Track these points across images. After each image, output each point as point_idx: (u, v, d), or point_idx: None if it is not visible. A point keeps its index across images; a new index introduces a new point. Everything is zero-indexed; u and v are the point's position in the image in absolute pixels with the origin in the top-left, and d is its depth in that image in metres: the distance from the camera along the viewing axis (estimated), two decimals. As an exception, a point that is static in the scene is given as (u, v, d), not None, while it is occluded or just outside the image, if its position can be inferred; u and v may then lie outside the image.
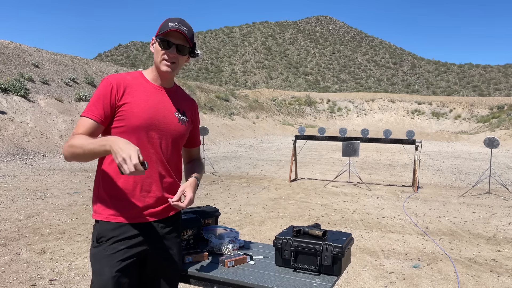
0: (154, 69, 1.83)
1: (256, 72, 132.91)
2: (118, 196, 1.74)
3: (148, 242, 1.77)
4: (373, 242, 5.19)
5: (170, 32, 1.74)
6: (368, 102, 43.58)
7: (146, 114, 1.74)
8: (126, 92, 1.74)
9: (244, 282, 1.82)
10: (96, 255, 1.71)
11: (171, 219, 1.87)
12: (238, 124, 27.60)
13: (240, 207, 6.94)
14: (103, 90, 1.72)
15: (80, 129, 1.69)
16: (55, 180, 8.95)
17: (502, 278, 4.07)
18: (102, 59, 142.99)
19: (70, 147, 1.64)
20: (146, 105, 1.75)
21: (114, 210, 1.74)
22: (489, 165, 9.70)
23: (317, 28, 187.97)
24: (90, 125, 1.69)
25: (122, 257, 1.69)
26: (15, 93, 14.57)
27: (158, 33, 1.77)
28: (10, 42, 19.49)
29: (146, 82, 1.81)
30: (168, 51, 1.75)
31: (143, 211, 1.76)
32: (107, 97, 1.71)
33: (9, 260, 4.22)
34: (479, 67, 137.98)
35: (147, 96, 1.78)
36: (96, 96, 1.73)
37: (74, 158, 1.66)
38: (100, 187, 1.77)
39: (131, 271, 1.72)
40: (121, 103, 1.73)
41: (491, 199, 8.05)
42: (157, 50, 1.77)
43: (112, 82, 1.74)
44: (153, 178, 1.78)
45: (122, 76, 1.79)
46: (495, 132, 28.86)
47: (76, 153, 1.62)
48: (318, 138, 9.92)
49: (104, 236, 1.72)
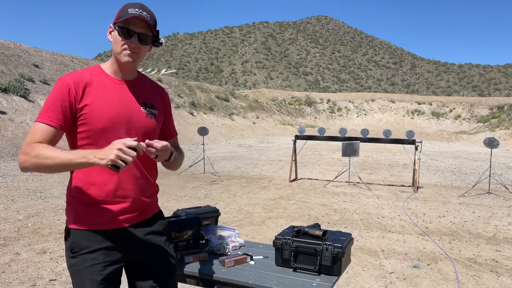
0: (114, 61, 1.68)
1: (256, 72, 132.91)
2: (91, 202, 1.62)
3: (127, 248, 1.67)
4: (373, 242, 5.19)
5: (131, 20, 1.58)
6: (368, 102, 43.56)
7: (111, 114, 1.60)
8: (86, 92, 1.59)
9: (244, 282, 1.82)
10: (74, 267, 1.60)
11: (150, 221, 1.76)
12: (238, 124, 27.59)
13: (240, 207, 6.94)
14: (59, 92, 1.56)
15: (37, 137, 1.51)
16: (55, 180, 8.95)
17: (502, 278, 4.07)
18: (102, 59, 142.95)
19: (35, 157, 1.47)
20: (109, 105, 1.61)
21: (87, 217, 1.62)
22: (489, 165, 9.70)
23: (317, 28, 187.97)
24: (48, 131, 1.53)
25: (102, 267, 1.59)
26: (15, 93, 14.57)
27: (116, 20, 1.60)
28: (10, 42, 19.49)
29: (107, 78, 1.66)
30: (129, 41, 1.59)
31: (118, 216, 1.65)
32: (65, 100, 1.55)
33: (9, 260, 4.22)
34: (479, 67, 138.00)
35: (109, 94, 1.63)
36: (52, 99, 1.55)
37: (37, 170, 1.50)
38: (71, 194, 1.66)
39: (113, 279, 1.63)
40: (82, 105, 1.57)
41: (491, 199, 8.05)
42: (117, 40, 1.61)
43: (69, 82, 1.58)
44: (127, 181, 1.66)
45: (79, 74, 1.63)
46: (495, 132, 28.85)
47: (45, 164, 1.47)
48: (318, 138, 9.92)
49: (78, 245, 1.60)
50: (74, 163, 1.47)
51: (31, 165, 1.49)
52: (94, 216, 1.63)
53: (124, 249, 1.66)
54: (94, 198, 1.62)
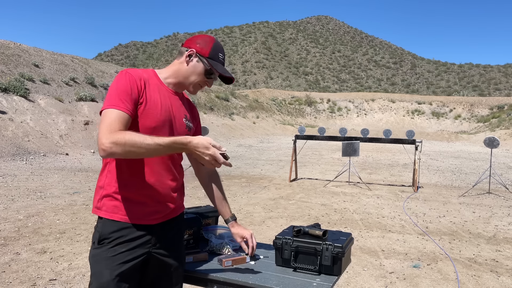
0: (174, 76, 1.77)
1: (256, 72, 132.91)
2: (126, 196, 1.67)
3: (151, 244, 1.71)
4: (373, 242, 5.19)
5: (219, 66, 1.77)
6: (368, 102, 43.56)
7: (162, 116, 1.68)
8: (146, 88, 1.67)
9: (244, 282, 1.82)
10: (96, 257, 1.64)
11: (175, 219, 1.82)
12: (238, 124, 27.59)
13: (240, 207, 6.94)
14: (127, 83, 1.61)
15: (117, 125, 1.52)
16: (55, 180, 8.95)
17: (502, 278, 4.07)
18: (102, 58, 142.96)
19: (130, 146, 1.48)
20: (162, 107, 1.69)
21: (119, 208, 1.67)
22: (489, 165, 9.69)
23: (317, 28, 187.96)
24: (124, 118, 1.55)
25: (123, 260, 1.62)
26: (15, 93, 14.57)
27: (208, 56, 1.74)
28: (10, 42, 19.49)
29: (161, 84, 1.75)
30: (208, 81, 1.77)
31: (149, 212, 1.70)
32: (134, 90, 1.61)
33: (9, 260, 4.22)
34: (479, 67, 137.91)
35: (162, 97, 1.72)
36: (119, 89, 1.59)
37: (127, 155, 1.52)
38: (107, 183, 1.69)
39: (132, 275, 1.66)
40: (142, 99, 1.64)
41: (491, 199, 8.05)
42: (198, 72, 1.75)
43: (134, 75, 1.65)
44: (162, 181, 1.72)
45: (139, 71, 1.71)
46: (495, 132, 28.85)
47: (138, 152, 1.50)
48: (318, 138, 9.92)
49: (106, 237, 1.65)
50: (170, 147, 1.53)
51: (123, 151, 1.50)
52: (126, 209, 1.68)
53: (147, 245, 1.70)
54: (129, 191, 1.67)
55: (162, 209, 1.74)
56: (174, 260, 1.78)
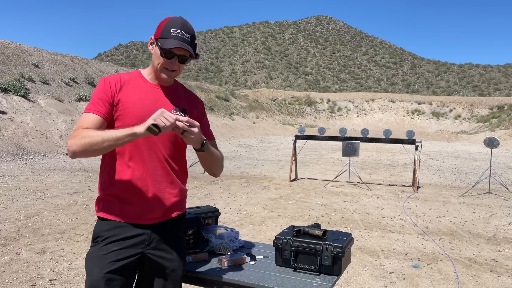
0: (152, 70, 1.79)
1: (256, 72, 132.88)
2: (120, 196, 1.71)
3: (145, 245, 1.71)
4: (373, 242, 5.19)
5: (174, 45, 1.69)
6: (368, 102, 43.57)
7: (142, 113, 1.69)
8: (123, 89, 1.72)
9: (244, 282, 1.82)
10: (90, 255, 1.68)
11: (173, 221, 1.81)
12: (238, 124, 27.59)
13: (240, 207, 6.94)
14: (102, 88, 1.71)
15: (86, 124, 1.63)
16: (55, 180, 8.95)
17: (502, 278, 4.07)
18: (102, 59, 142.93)
19: (83, 138, 1.55)
20: (141, 104, 1.72)
21: (113, 208, 1.71)
22: (489, 165, 9.70)
23: (317, 28, 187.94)
24: (96, 120, 1.64)
25: (115, 258, 1.64)
26: (15, 93, 14.57)
27: (159, 37, 1.69)
28: (10, 42, 19.48)
29: (144, 82, 1.78)
30: (170, 61, 1.70)
31: (142, 212, 1.72)
32: (107, 93, 1.69)
33: (9, 260, 4.22)
34: (479, 67, 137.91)
35: (143, 94, 1.74)
36: (96, 95, 1.70)
37: (84, 152, 1.57)
38: (102, 183, 1.75)
39: (124, 273, 1.66)
40: (118, 99, 1.70)
41: (491, 199, 8.05)
42: (157, 56, 1.71)
43: (109, 80, 1.73)
44: (152, 179, 1.72)
45: (119, 75, 1.77)
46: (495, 132, 28.85)
47: (93, 142, 1.54)
48: (318, 138, 9.92)
49: (99, 236, 1.69)
50: (120, 136, 1.55)
51: (79, 147, 1.57)
52: (121, 209, 1.71)
53: (142, 245, 1.71)
54: (122, 191, 1.71)
55: (157, 209, 1.74)
56: (170, 263, 1.75)
